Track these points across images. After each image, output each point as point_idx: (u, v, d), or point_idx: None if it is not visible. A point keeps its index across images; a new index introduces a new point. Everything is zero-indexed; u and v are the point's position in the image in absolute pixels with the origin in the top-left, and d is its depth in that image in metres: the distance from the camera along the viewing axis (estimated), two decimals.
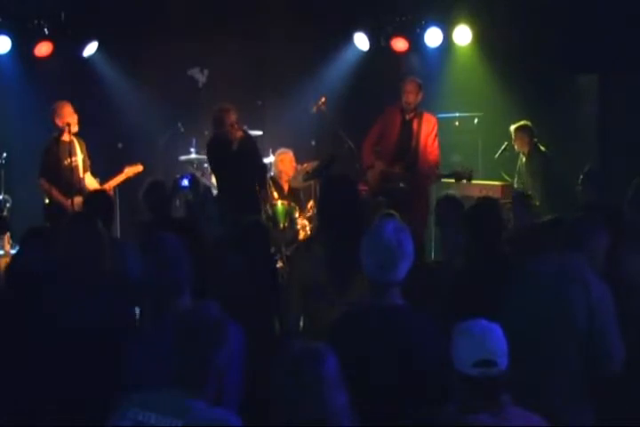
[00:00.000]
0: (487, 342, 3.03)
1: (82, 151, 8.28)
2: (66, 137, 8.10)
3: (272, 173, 9.44)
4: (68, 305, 4.05)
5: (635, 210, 5.59)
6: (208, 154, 8.51)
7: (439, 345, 3.26)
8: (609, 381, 4.00)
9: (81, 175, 8.18)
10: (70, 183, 8.07)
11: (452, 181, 8.63)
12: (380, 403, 3.32)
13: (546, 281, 4.00)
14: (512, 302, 4.07)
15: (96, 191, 7.19)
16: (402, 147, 8.34)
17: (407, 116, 8.35)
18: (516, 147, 9.00)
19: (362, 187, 8.10)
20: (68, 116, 8.14)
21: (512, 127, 8.98)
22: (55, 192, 8.06)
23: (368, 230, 3.63)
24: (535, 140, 8.92)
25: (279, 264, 7.27)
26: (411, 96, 8.28)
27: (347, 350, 3.32)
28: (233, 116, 8.07)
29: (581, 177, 7.50)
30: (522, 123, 8.97)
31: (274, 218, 8.48)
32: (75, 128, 8.16)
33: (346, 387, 2.87)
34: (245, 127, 8.34)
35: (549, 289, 3.97)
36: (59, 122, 8.13)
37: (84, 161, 8.28)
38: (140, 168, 8.62)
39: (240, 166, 8.01)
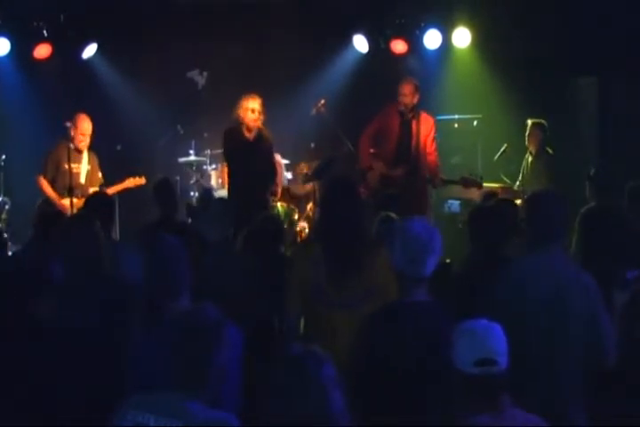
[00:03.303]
0: (488, 341, 3.05)
1: (89, 163, 8.25)
2: (72, 145, 8.09)
3: None
4: (66, 307, 4.04)
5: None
6: (224, 142, 8.45)
7: None
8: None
9: (81, 182, 8.14)
10: (64, 186, 8.08)
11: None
12: (409, 398, 3.38)
13: (537, 282, 3.96)
14: (504, 304, 4.01)
15: (96, 193, 7.18)
16: (402, 148, 8.33)
17: (406, 117, 8.35)
18: (526, 142, 8.94)
19: (362, 189, 8.09)
20: (85, 131, 8.13)
21: (529, 121, 8.91)
22: (49, 191, 8.08)
23: (397, 227, 3.68)
24: (545, 140, 8.90)
25: None
26: (407, 98, 8.28)
27: (379, 346, 3.44)
28: (253, 103, 8.07)
29: (587, 181, 7.49)
30: (540, 120, 8.93)
31: None
32: (87, 141, 8.15)
33: (344, 388, 2.88)
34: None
35: (542, 290, 3.94)
36: (73, 132, 8.09)
37: (89, 172, 8.24)
38: (142, 181, 8.54)
39: (254, 158, 8.02)
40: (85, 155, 8.22)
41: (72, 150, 8.04)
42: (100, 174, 8.39)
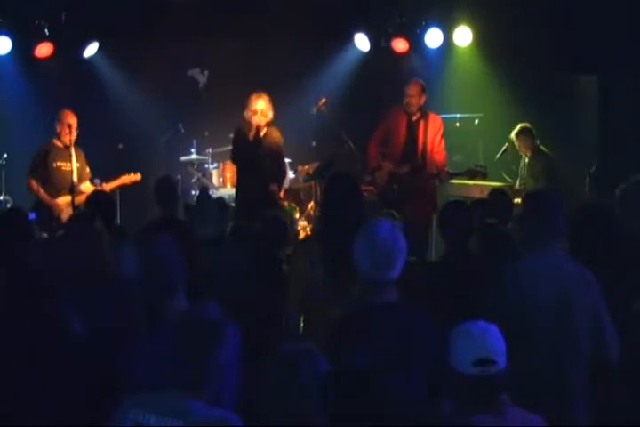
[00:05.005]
0: (486, 341, 3.05)
1: (78, 160, 8.23)
2: (60, 143, 8.10)
3: None
4: (68, 305, 4.04)
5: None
6: (233, 141, 8.48)
7: (437, 342, 3.29)
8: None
9: (74, 180, 8.13)
10: (57, 184, 8.08)
11: (459, 181, 8.58)
12: (384, 402, 3.33)
13: (539, 283, 3.95)
14: (506, 305, 3.97)
15: (96, 192, 7.18)
16: (409, 149, 8.29)
17: (413, 118, 8.31)
18: (520, 151, 8.96)
19: (365, 187, 8.08)
20: (69, 124, 8.13)
21: (513, 134, 8.92)
22: (42, 192, 8.11)
23: (361, 230, 3.64)
24: (537, 141, 8.91)
25: None
26: (413, 99, 8.22)
27: (349, 349, 3.38)
28: (257, 104, 8.08)
29: (588, 178, 7.49)
30: (521, 126, 8.93)
31: None
32: (73, 135, 8.15)
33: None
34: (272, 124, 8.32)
35: (545, 290, 3.92)
36: (59, 128, 8.13)
37: (79, 169, 8.24)
38: (138, 177, 8.51)
39: (257, 158, 8.01)
40: (72, 152, 8.18)
41: (59, 149, 8.07)
42: (87, 169, 8.39)
